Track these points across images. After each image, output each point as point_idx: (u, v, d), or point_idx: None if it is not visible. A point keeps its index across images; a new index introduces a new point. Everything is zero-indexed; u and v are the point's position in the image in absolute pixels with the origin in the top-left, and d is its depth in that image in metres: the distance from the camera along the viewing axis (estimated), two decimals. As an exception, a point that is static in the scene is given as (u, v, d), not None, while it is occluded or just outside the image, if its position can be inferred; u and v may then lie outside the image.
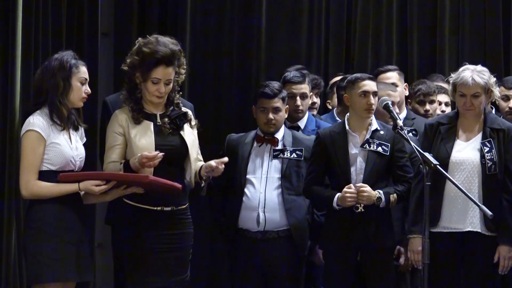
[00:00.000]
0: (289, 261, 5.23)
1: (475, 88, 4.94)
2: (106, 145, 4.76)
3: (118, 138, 4.71)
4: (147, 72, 4.67)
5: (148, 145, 4.67)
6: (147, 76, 4.68)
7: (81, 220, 4.57)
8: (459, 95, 4.99)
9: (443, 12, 7.15)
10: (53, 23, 6.24)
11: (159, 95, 4.71)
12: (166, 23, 7.25)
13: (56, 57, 4.58)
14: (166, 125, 4.76)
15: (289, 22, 7.27)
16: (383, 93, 5.41)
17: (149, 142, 4.69)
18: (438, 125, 5.06)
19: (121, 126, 4.72)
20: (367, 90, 5.09)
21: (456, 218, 4.93)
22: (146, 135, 4.70)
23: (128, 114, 4.74)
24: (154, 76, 4.68)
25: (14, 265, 5.84)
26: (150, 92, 4.71)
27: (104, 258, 6.79)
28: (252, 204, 5.19)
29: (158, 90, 4.70)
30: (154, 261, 4.68)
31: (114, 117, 4.78)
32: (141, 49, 4.68)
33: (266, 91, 5.26)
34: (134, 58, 4.69)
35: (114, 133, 4.73)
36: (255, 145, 5.32)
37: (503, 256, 4.90)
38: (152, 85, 4.70)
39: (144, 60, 4.67)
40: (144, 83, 4.71)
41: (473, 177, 4.92)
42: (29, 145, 4.47)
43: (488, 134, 4.97)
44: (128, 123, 4.71)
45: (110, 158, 4.71)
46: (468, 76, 4.94)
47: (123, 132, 4.71)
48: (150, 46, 4.68)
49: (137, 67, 4.68)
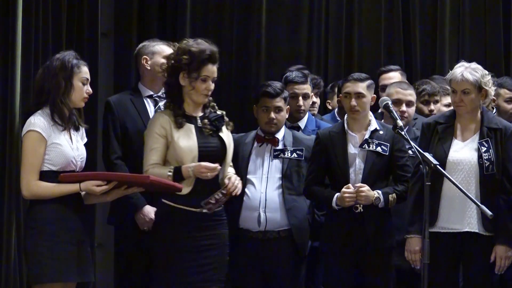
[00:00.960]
0: (289, 261, 5.24)
1: (464, 84, 4.94)
2: (147, 146, 4.79)
3: (160, 140, 4.74)
4: (197, 70, 4.74)
5: (191, 146, 4.73)
6: (197, 75, 4.74)
7: (81, 220, 4.56)
8: (451, 91, 5.02)
9: (443, 12, 7.15)
10: (53, 23, 6.24)
11: (207, 93, 4.78)
12: (166, 23, 7.25)
13: (57, 57, 4.57)
14: (207, 126, 4.81)
15: (289, 22, 7.27)
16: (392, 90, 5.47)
17: (191, 143, 4.73)
18: (435, 124, 5.06)
19: (163, 127, 4.74)
20: (349, 91, 5.14)
21: (454, 218, 4.93)
22: (189, 137, 4.74)
23: (170, 117, 4.76)
24: (204, 74, 4.75)
25: (14, 265, 5.84)
26: (199, 90, 4.76)
27: (104, 258, 6.79)
28: (252, 204, 5.20)
29: (207, 88, 4.77)
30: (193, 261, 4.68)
31: (156, 118, 4.82)
32: (188, 49, 4.75)
33: (269, 90, 5.27)
34: (183, 58, 4.73)
35: (156, 134, 4.75)
36: (256, 145, 5.32)
37: (499, 256, 4.89)
38: (201, 83, 4.76)
39: (194, 58, 4.73)
40: (192, 82, 4.75)
41: (471, 177, 4.92)
42: (30, 145, 4.46)
43: (486, 134, 4.96)
44: (171, 125, 4.74)
45: (151, 160, 4.75)
46: (459, 72, 4.96)
47: (165, 134, 4.75)
48: (195, 45, 4.77)
49: (185, 67, 4.74)
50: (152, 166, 4.73)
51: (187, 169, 4.69)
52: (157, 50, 5.43)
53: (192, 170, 4.68)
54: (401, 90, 5.60)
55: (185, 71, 4.75)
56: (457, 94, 4.97)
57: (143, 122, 5.37)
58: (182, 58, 4.74)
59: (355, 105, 5.11)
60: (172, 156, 4.74)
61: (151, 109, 5.44)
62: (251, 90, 6.78)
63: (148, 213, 5.24)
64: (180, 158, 4.72)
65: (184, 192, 4.71)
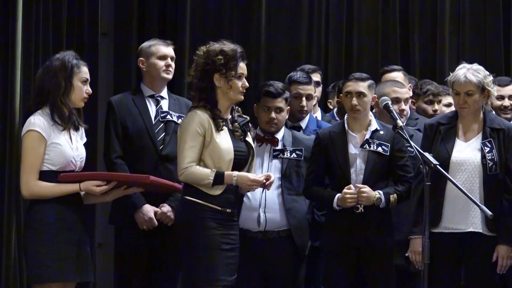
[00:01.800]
0: (289, 261, 5.23)
1: (468, 85, 4.94)
2: (185, 143, 4.68)
3: (199, 139, 4.68)
4: (233, 69, 4.73)
5: (229, 149, 4.71)
6: (235, 73, 4.74)
7: (81, 220, 4.56)
8: (454, 93, 5.01)
9: (443, 12, 7.14)
10: (53, 23, 6.24)
11: (243, 90, 4.78)
12: (166, 23, 7.25)
13: (57, 57, 4.57)
14: (238, 130, 4.80)
15: (289, 22, 7.27)
16: (389, 89, 5.45)
17: (229, 146, 4.72)
18: (438, 125, 5.06)
19: (203, 126, 4.68)
20: (350, 90, 5.14)
21: (457, 219, 4.93)
22: (226, 138, 4.73)
23: (209, 117, 4.71)
24: (239, 71, 4.77)
25: (14, 265, 5.84)
26: (236, 88, 4.75)
27: (104, 258, 6.80)
28: (252, 204, 5.19)
29: (243, 85, 4.78)
30: (222, 260, 4.65)
31: (194, 116, 4.71)
32: (220, 50, 4.73)
33: (271, 90, 5.27)
34: (217, 59, 4.71)
35: (196, 132, 4.68)
36: (255, 145, 5.31)
37: (501, 255, 4.90)
38: (238, 81, 4.75)
39: (229, 58, 4.73)
40: (230, 82, 4.73)
41: (474, 177, 4.92)
42: (30, 145, 4.46)
43: (488, 134, 4.97)
44: (210, 125, 4.69)
45: (189, 157, 4.67)
46: (462, 74, 4.96)
47: (204, 133, 4.68)
48: (225, 46, 4.77)
49: (220, 67, 4.72)
50: (190, 165, 4.66)
51: (230, 177, 4.67)
52: (152, 51, 5.45)
53: (236, 180, 4.67)
54: (398, 88, 5.60)
55: (221, 71, 4.72)
56: (460, 96, 4.97)
57: (144, 121, 5.39)
58: (216, 59, 4.71)
59: (356, 104, 5.11)
60: (209, 156, 4.69)
61: (152, 109, 5.46)
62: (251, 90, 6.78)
63: (147, 212, 5.24)
64: (218, 159, 4.68)
65: (216, 193, 4.67)
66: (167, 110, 5.46)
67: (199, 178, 4.65)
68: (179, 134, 4.74)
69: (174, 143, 5.22)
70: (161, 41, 5.53)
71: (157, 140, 5.38)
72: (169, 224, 5.30)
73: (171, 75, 5.51)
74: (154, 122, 5.42)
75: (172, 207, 5.30)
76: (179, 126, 4.82)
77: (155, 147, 5.37)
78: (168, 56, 5.47)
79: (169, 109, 5.47)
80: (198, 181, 4.65)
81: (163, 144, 5.38)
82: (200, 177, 4.65)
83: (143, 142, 5.37)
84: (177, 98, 5.55)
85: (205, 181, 4.64)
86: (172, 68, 5.50)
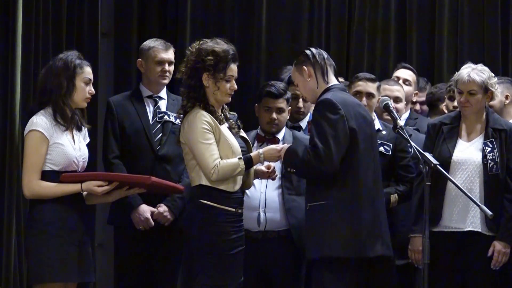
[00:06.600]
0: (289, 261, 5.23)
1: (471, 85, 4.97)
2: (202, 142, 4.57)
3: (211, 135, 4.61)
4: (223, 71, 4.64)
5: (236, 143, 4.68)
6: (223, 75, 4.65)
7: (83, 220, 4.57)
8: (457, 92, 5.04)
9: (442, 12, 7.15)
10: (53, 23, 6.24)
11: (231, 92, 4.70)
12: (166, 23, 7.26)
13: (60, 57, 4.58)
14: (234, 126, 4.78)
15: (289, 22, 7.28)
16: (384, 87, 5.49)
17: (235, 140, 4.69)
18: (440, 125, 5.08)
19: (209, 123, 4.61)
20: (360, 90, 5.14)
21: (457, 218, 4.95)
22: (230, 134, 4.69)
23: (208, 114, 4.65)
24: (229, 73, 4.67)
25: (14, 265, 5.84)
26: (223, 90, 4.66)
27: (104, 258, 6.80)
28: (252, 204, 5.19)
29: (232, 87, 4.69)
30: (234, 261, 4.62)
31: (198, 115, 4.62)
32: (212, 49, 4.64)
33: (272, 91, 5.27)
34: (207, 59, 4.62)
35: (205, 130, 4.59)
36: (256, 145, 5.32)
37: (497, 250, 4.92)
38: (226, 83, 4.66)
39: (219, 59, 4.63)
40: (217, 83, 4.65)
41: (475, 177, 4.94)
42: (32, 145, 4.47)
43: (490, 135, 4.99)
44: (215, 121, 4.64)
45: (215, 154, 4.58)
46: (466, 73, 4.99)
47: (212, 130, 4.62)
48: (217, 46, 4.68)
49: (209, 67, 4.63)
50: (217, 162, 4.56)
51: (257, 156, 4.65)
52: (150, 55, 5.45)
53: (264, 156, 4.66)
54: (388, 86, 5.62)
55: (209, 71, 4.64)
56: (463, 95, 4.99)
57: (141, 122, 5.40)
58: (206, 59, 4.63)
59: (365, 105, 5.10)
60: (223, 151, 4.61)
61: (150, 109, 5.47)
62: (251, 90, 6.79)
63: (143, 212, 5.24)
64: (231, 153, 4.61)
65: (235, 189, 4.63)
66: (165, 110, 5.47)
67: (231, 170, 4.57)
68: (188, 140, 4.62)
69: (171, 144, 5.24)
70: (161, 43, 5.50)
71: (154, 141, 5.39)
72: (165, 224, 5.31)
73: (167, 80, 5.49)
74: (151, 123, 5.43)
75: (168, 207, 5.31)
76: (185, 134, 4.66)
77: (152, 148, 5.38)
78: (165, 62, 5.45)
79: (167, 110, 5.48)
80: (231, 173, 4.58)
81: (160, 145, 5.39)
82: (231, 168, 4.57)
83: (140, 142, 5.39)
84: (176, 98, 5.52)
85: (238, 170, 4.58)
86: (170, 73, 5.47)
